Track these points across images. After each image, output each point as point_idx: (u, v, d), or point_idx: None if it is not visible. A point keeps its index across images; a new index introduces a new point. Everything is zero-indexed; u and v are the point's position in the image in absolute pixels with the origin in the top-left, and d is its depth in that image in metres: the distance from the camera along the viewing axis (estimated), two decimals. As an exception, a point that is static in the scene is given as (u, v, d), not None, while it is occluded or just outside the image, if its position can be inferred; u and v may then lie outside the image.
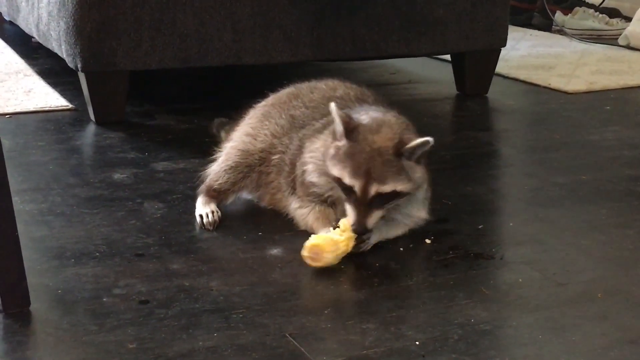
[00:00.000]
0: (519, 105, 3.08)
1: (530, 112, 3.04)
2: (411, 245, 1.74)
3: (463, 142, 2.55)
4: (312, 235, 1.64)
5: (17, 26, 3.28)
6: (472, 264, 1.66)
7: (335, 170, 1.66)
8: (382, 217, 1.67)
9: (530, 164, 2.39)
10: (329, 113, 1.72)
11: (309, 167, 1.76)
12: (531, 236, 1.83)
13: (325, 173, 1.71)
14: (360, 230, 1.63)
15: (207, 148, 2.05)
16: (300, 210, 1.79)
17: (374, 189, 1.62)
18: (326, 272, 1.60)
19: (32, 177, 2.09)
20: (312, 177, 1.75)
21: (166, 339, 1.35)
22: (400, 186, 1.63)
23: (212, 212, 1.83)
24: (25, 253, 1.44)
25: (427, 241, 1.75)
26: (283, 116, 1.91)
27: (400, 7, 2.84)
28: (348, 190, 1.64)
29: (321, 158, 1.73)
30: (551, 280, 1.60)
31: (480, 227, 1.86)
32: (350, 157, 1.64)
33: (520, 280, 1.60)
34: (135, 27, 2.51)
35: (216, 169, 1.91)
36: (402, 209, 1.72)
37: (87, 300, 1.47)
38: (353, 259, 1.65)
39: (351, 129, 1.65)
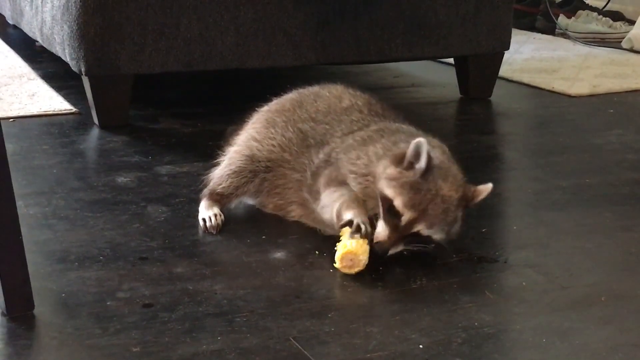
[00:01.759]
0: (522, 108, 3.08)
1: (533, 115, 3.04)
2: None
3: (466, 145, 2.55)
4: (339, 245, 1.61)
5: (21, 30, 3.28)
6: (476, 268, 1.66)
7: (390, 192, 1.62)
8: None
9: (534, 168, 2.39)
10: (348, 131, 1.79)
11: (350, 177, 1.74)
12: (535, 239, 1.83)
13: (367, 186, 1.70)
14: (381, 252, 1.61)
15: (211, 152, 2.05)
16: (331, 194, 1.73)
17: (418, 227, 1.61)
18: (330, 276, 1.60)
19: (36, 181, 2.10)
20: (352, 181, 1.73)
21: (170, 342, 1.35)
22: (438, 235, 1.64)
23: (215, 216, 1.83)
24: (29, 257, 1.44)
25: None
26: (290, 128, 1.89)
27: (403, 11, 2.84)
28: (392, 214, 1.61)
29: (365, 171, 1.71)
30: (555, 283, 1.60)
31: (484, 230, 1.86)
32: (414, 190, 1.61)
33: (524, 283, 1.60)
34: (139, 31, 2.52)
35: (219, 173, 1.91)
36: None
37: (91, 303, 1.47)
38: (357, 263, 1.65)
39: (427, 170, 1.62)
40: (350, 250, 1.59)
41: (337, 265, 1.60)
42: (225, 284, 1.56)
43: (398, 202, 1.61)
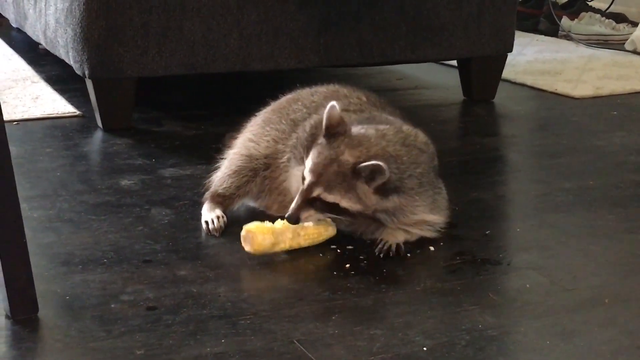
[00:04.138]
0: (525, 110, 3.08)
1: (536, 117, 3.04)
2: (418, 251, 1.74)
3: (470, 147, 2.55)
4: (252, 223, 1.69)
5: (25, 33, 3.29)
6: (480, 270, 1.66)
7: (306, 161, 1.72)
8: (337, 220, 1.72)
9: (537, 170, 2.39)
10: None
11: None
12: (538, 242, 1.83)
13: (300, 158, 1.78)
14: (292, 220, 1.68)
15: (214, 154, 2.05)
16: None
17: (317, 192, 1.67)
18: (333, 278, 1.61)
19: (39, 184, 2.10)
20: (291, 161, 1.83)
21: (174, 345, 1.35)
22: (345, 203, 1.67)
23: (218, 218, 1.83)
24: (34, 259, 1.44)
25: (431, 248, 1.75)
26: (283, 121, 1.93)
27: (406, 13, 2.84)
28: (303, 180, 1.70)
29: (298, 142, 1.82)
30: (558, 286, 1.60)
31: (487, 232, 1.86)
32: (316, 155, 1.69)
33: (527, 286, 1.60)
34: (142, 34, 2.52)
35: (220, 175, 1.92)
36: (403, 216, 1.73)
37: (95, 306, 1.48)
38: (360, 265, 1.66)
39: (334, 132, 1.69)
40: (251, 230, 1.66)
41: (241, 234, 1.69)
42: (229, 287, 1.56)
43: (306, 166, 1.69)
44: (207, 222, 1.82)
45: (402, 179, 1.70)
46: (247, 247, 1.66)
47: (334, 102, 1.72)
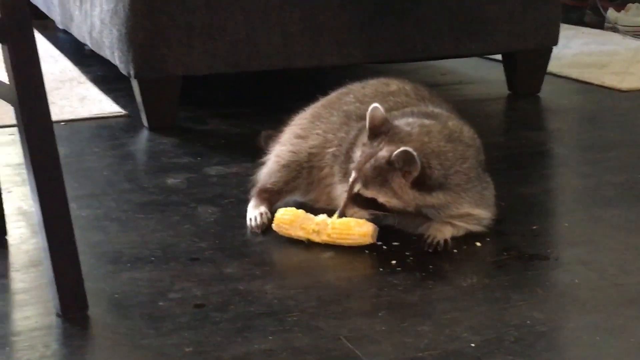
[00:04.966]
0: (571, 104, 3.05)
1: (583, 110, 3.01)
2: (464, 247, 1.73)
3: (515, 142, 2.53)
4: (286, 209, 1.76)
5: (71, 34, 3.32)
6: (527, 265, 1.65)
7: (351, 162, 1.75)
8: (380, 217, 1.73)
9: (584, 164, 2.36)
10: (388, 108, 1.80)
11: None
12: (586, 236, 1.81)
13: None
14: (339, 213, 1.72)
15: (259, 152, 2.06)
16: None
17: (356, 188, 1.69)
18: (380, 275, 1.60)
19: (87, 184, 2.12)
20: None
21: (222, 342, 1.36)
22: (382, 198, 1.68)
23: (261, 215, 1.83)
24: (83, 258, 1.46)
25: (478, 244, 1.74)
26: (334, 113, 1.94)
27: (450, 8, 2.82)
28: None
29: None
30: (608, 280, 1.59)
31: (534, 227, 1.84)
32: (360, 153, 1.72)
33: (576, 281, 1.59)
34: (187, 33, 2.54)
35: (267, 170, 1.93)
36: (449, 210, 1.72)
37: (143, 304, 1.49)
38: (406, 262, 1.65)
39: (377, 132, 1.70)
40: (284, 218, 1.75)
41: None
42: (276, 284, 1.57)
43: (353, 166, 1.73)
44: (250, 219, 1.83)
45: (448, 175, 1.69)
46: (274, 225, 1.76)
47: (376, 104, 1.72)
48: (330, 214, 1.75)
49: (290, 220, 1.73)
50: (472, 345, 1.35)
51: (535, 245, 1.75)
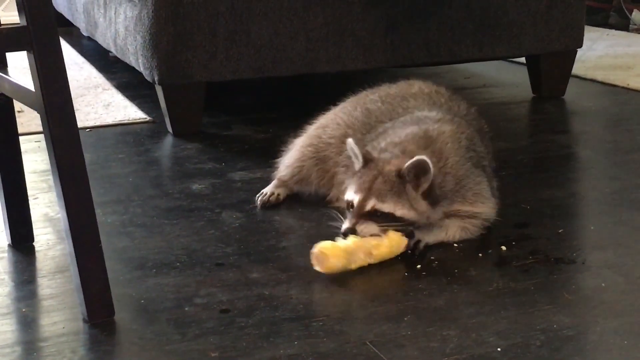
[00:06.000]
0: (597, 106, 3.03)
1: (608, 113, 2.99)
2: (490, 251, 1.72)
3: (541, 145, 2.52)
4: (326, 242, 1.63)
5: (95, 41, 3.35)
6: (553, 269, 1.64)
7: (344, 191, 1.76)
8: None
9: (610, 166, 2.35)
10: (400, 115, 1.85)
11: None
12: (614, 240, 1.79)
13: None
14: (347, 233, 1.66)
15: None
16: None
17: (370, 204, 1.66)
18: (405, 280, 1.60)
19: (113, 189, 2.13)
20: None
21: (247, 347, 1.36)
22: (399, 211, 1.67)
23: (273, 194, 1.95)
24: (109, 264, 1.47)
25: (503, 248, 1.73)
26: (358, 109, 1.99)
27: (473, 11, 2.82)
28: (349, 206, 1.69)
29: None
30: (635, 284, 1.57)
31: (560, 231, 1.83)
32: (358, 178, 1.71)
33: (603, 284, 1.57)
34: (210, 39, 2.54)
35: (286, 162, 2.02)
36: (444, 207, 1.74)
37: (169, 309, 1.49)
38: (431, 266, 1.65)
39: (367, 161, 1.71)
40: (323, 250, 1.60)
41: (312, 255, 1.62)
42: (301, 289, 1.57)
43: (349, 193, 1.70)
44: (261, 193, 1.95)
45: (441, 184, 1.72)
46: (317, 267, 1.61)
47: (349, 139, 1.75)
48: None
49: (343, 265, 1.62)
50: (499, 349, 1.34)
51: (561, 249, 1.73)
